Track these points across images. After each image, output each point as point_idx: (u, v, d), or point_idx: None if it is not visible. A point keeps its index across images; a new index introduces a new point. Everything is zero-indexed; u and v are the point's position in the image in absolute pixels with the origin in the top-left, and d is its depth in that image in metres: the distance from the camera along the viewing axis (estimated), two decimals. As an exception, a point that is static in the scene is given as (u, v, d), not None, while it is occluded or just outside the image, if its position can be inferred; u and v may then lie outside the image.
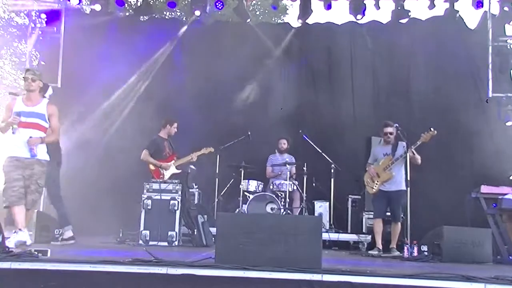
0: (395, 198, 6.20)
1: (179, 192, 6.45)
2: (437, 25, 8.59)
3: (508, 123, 7.97)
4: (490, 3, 8.39)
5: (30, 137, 4.88)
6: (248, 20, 8.89)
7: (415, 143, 6.12)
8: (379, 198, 6.34)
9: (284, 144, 8.01)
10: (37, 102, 5.04)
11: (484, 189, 6.22)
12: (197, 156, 7.07)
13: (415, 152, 6.14)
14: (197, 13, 8.63)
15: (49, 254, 3.78)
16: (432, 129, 6.04)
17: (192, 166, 7.33)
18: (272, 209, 7.27)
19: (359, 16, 8.50)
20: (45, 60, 8.72)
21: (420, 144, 6.11)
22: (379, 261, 5.42)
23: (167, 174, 6.80)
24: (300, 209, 7.63)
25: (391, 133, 6.34)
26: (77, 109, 8.00)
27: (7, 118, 4.91)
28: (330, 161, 7.72)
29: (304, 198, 7.59)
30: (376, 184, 6.30)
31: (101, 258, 3.57)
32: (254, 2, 8.97)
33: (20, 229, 4.83)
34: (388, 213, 6.41)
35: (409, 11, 8.43)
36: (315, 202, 7.66)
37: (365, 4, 8.38)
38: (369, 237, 6.87)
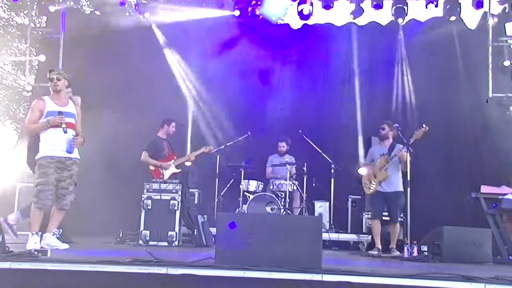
0: (392, 199, 6.20)
1: (179, 192, 6.45)
2: (437, 26, 8.60)
3: None
4: (490, 3, 8.39)
5: (73, 135, 4.90)
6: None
7: (409, 140, 6.12)
8: (376, 198, 6.34)
9: (283, 147, 8.00)
10: (67, 102, 5.03)
11: (484, 189, 6.23)
12: (196, 154, 7.07)
13: (407, 158, 6.11)
14: (236, 12, 8.69)
15: (49, 254, 3.78)
16: (424, 125, 6.06)
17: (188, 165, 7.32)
18: (272, 209, 7.26)
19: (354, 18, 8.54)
20: (45, 60, 8.72)
21: (414, 141, 6.11)
22: (379, 261, 5.42)
23: (167, 174, 6.80)
24: (300, 209, 7.63)
25: (383, 128, 6.39)
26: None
27: (37, 119, 4.86)
28: (330, 161, 7.71)
29: (304, 198, 7.59)
30: (373, 184, 6.30)
31: (101, 258, 3.57)
32: (254, 2, 8.94)
33: (54, 233, 4.96)
34: (385, 213, 6.41)
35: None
36: (315, 202, 7.65)
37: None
38: (369, 237, 6.86)
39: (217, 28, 8.99)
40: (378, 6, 8.38)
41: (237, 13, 8.82)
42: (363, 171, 6.54)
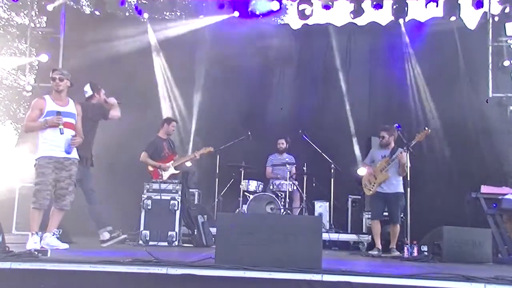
0: (393, 201, 6.20)
1: (179, 192, 6.45)
2: (437, 26, 8.60)
3: None
4: (490, 3, 8.39)
5: (72, 136, 4.88)
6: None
7: (410, 142, 6.13)
8: (377, 199, 6.34)
9: (282, 144, 8.01)
10: (67, 102, 5.01)
11: (484, 189, 6.23)
12: (196, 155, 7.08)
13: (407, 161, 6.11)
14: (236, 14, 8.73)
15: (49, 254, 3.77)
16: (426, 128, 6.09)
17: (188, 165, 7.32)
18: (272, 209, 7.26)
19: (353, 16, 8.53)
20: (46, 60, 8.72)
21: (416, 143, 6.12)
22: (379, 261, 5.42)
23: (165, 175, 6.78)
24: (300, 209, 7.63)
25: (383, 137, 6.36)
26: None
27: (36, 117, 4.85)
28: (330, 161, 7.72)
29: (304, 198, 7.59)
30: (373, 185, 6.30)
31: (101, 258, 3.56)
32: (254, 1, 8.93)
33: (54, 233, 4.97)
34: (385, 213, 6.41)
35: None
36: (315, 202, 7.66)
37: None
38: (369, 237, 6.87)
39: (217, 28, 9.00)
40: (378, 6, 8.37)
41: (236, 14, 8.83)
42: (362, 171, 6.55)
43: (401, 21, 8.60)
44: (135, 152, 7.05)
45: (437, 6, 8.28)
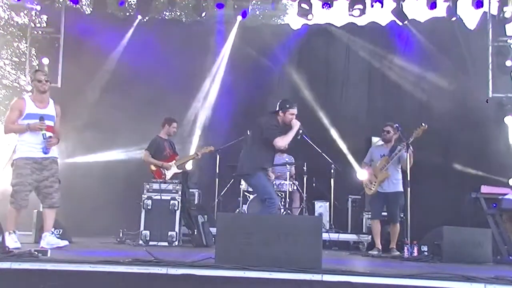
0: (393, 200, 6.21)
1: (179, 192, 6.46)
2: (437, 26, 8.59)
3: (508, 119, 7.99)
4: (490, 3, 8.38)
5: (50, 137, 4.85)
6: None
7: (408, 139, 6.13)
8: (377, 199, 6.35)
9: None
10: (47, 104, 4.99)
11: (484, 189, 6.23)
12: (198, 155, 7.08)
13: (410, 155, 6.09)
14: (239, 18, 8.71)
15: (49, 254, 3.78)
16: (423, 123, 6.06)
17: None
18: (272, 209, 7.25)
19: (355, 14, 8.49)
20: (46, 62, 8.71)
21: (413, 140, 6.11)
22: (379, 261, 5.42)
23: (168, 174, 6.80)
24: (300, 209, 7.63)
25: (388, 132, 6.37)
26: (77, 109, 7.99)
27: (16, 119, 4.82)
28: (330, 161, 7.71)
29: (304, 198, 7.59)
30: (374, 185, 6.31)
31: (101, 258, 3.56)
32: (254, 1, 8.93)
33: (52, 232, 5.01)
34: (384, 213, 6.41)
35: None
36: (315, 202, 7.66)
37: (365, 3, 8.37)
38: (369, 237, 6.88)
39: (217, 27, 9.00)
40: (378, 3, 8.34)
41: (239, 18, 8.83)
42: (362, 175, 6.54)
43: (401, 21, 8.58)
44: (136, 151, 7.06)
45: (435, 7, 8.23)
